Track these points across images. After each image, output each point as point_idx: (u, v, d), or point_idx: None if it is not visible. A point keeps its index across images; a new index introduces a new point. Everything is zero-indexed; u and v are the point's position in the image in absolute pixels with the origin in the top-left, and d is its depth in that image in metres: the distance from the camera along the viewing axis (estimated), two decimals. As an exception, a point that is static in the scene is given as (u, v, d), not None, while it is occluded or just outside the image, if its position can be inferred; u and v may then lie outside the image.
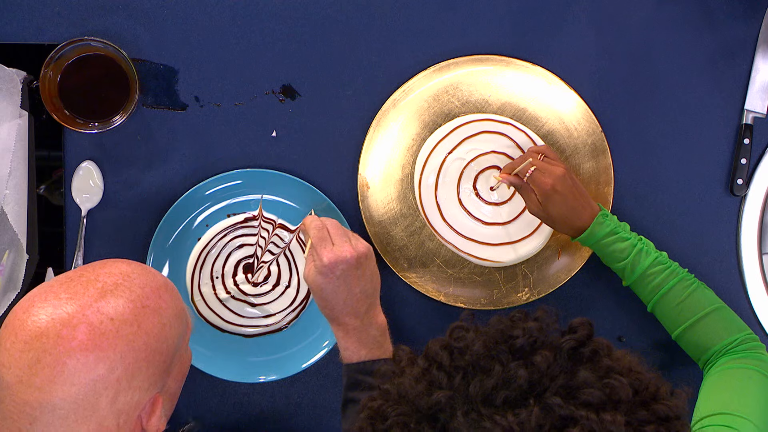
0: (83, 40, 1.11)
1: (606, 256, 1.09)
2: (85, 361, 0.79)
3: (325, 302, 1.05)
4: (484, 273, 1.18)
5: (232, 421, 1.19)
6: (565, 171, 1.07)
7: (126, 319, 0.81)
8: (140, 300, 0.84)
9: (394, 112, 1.17)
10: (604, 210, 1.09)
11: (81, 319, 0.80)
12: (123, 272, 0.85)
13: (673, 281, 1.06)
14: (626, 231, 1.08)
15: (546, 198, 1.07)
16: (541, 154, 1.09)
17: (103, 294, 0.82)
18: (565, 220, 1.08)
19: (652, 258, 1.07)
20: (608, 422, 0.68)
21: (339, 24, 1.18)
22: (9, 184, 1.14)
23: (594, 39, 1.18)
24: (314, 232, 1.06)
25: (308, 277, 1.05)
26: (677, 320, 1.07)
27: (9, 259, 1.15)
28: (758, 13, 1.18)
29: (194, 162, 1.18)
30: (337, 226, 1.07)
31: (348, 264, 1.03)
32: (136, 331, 0.82)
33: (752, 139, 1.17)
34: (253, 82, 1.18)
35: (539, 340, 0.73)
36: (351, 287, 1.04)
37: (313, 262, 1.05)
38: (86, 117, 1.13)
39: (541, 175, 1.07)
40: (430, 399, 0.71)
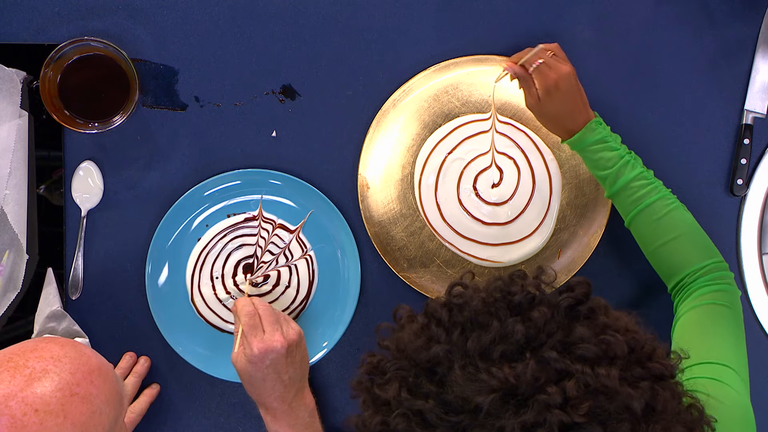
0: (83, 40, 1.11)
1: (591, 163, 1.09)
2: None
3: (252, 388, 1.04)
4: (484, 273, 1.18)
5: (232, 421, 1.19)
6: (571, 70, 1.06)
7: (52, 410, 0.76)
8: (69, 387, 0.78)
9: (394, 112, 1.17)
10: (598, 118, 1.09)
11: (3, 410, 0.75)
12: (54, 356, 0.80)
13: (654, 197, 1.06)
14: (617, 142, 1.08)
15: (546, 93, 1.06)
16: (551, 51, 1.08)
17: (30, 382, 0.77)
18: (558, 120, 1.08)
19: (637, 172, 1.06)
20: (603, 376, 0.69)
21: (339, 24, 1.18)
22: (9, 184, 1.14)
23: (594, 39, 1.18)
24: (245, 319, 1.04)
25: (237, 363, 1.04)
26: (653, 237, 1.06)
27: (9, 259, 1.15)
28: (758, 13, 1.18)
29: (194, 162, 1.18)
30: (269, 312, 1.06)
31: (278, 354, 1.02)
32: (62, 422, 0.77)
33: (752, 139, 1.17)
34: (253, 82, 1.18)
35: (537, 297, 0.75)
36: (280, 375, 1.03)
37: (242, 348, 1.03)
38: (86, 117, 1.13)
39: (547, 69, 1.06)
40: (428, 353, 0.73)
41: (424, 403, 0.71)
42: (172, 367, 1.18)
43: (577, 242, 1.18)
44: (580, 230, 1.17)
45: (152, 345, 1.17)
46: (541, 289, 0.76)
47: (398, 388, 0.73)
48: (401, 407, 0.72)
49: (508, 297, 0.75)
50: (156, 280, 1.17)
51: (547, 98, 1.06)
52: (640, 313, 1.17)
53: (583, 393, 0.69)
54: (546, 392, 0.68)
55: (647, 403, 0.70)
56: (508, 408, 0.69)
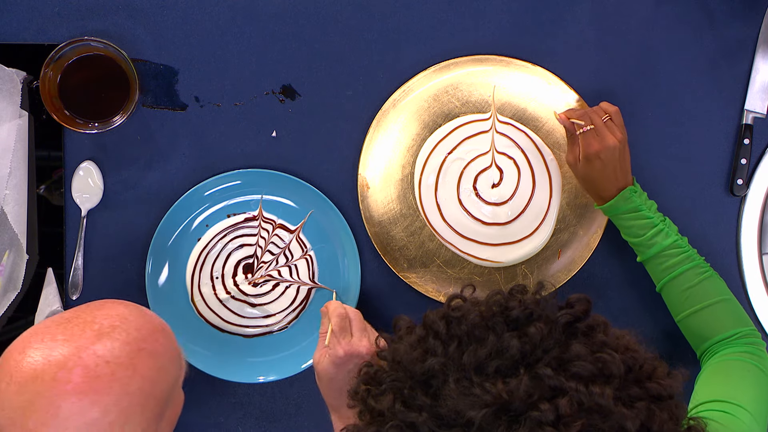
0: (83, 40, 1.11)
1: (624, 229, 1.09)
2: (79, 404, 0.77)
3: (330, 391, 1.03)
4: (484, 273, 1.18)
5: (232, 421, 1.19)
6: (617, 144, 1.06)
7: (122, 363, 0.80)
8: (136, 343, 0.82)
9: (394, 112, 1.17)
10: (635, 186, 1.09)
11: (77, 361, 0.78)
12: (120, 314, 0.84)
13: (687, 266, 1.06)
14: (651, 210, 1.08)
15: (586, 160, 1.07)
16: (608, 116, 1.08)
17: (100, 336, 0.81)
18: (593, 186, 1.09)
19: (671, 240, 1.07)
20: (597, 394, 0.69)
21: (339, 24, 1.18)
22: (9, 184, 1.14)
23: (594, 39, 1.18)
24: (336, 319, 1.03)
25: (320, 364, 1.02)
26: (684, 305, 1.07)
27: (9, 259, 1.15)
28: (758, 13, 1.18)
29: (194, 162, 1.18)
30: (359, 319, 1.05)
31: (362, 358, 1.01)
32: (132, 374, 0.80)
33: (752, 139, 1.17)
34: (253, 82, 1.18)
35: (535, 313, 0.74)
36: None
37: (327, 350, 1.02)
38: (86, 117, 1.13)
39: (593, 137, 1.06)
40: (423, 365, 0.73)
41: (417, 415, 0.71)
42: (172, 367, 1.18)
43: (577, 242, 1.18)
44: (580, 230, 1.17)
45: (152, 345, 1.17)
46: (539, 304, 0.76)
47: (392, 399, 0.73)
48: (395, 419, 0.72)
49: (506, 312, 0.75)
50: (156, 280, 1.17)
51: (586, 163, 1.07)
52: (640, 312, 1.17)
53: (576, 411, 0.68)
54: (539, 409, 0.68)
55: (642, 424, 0.70)
56: (501, 423, 0.68)
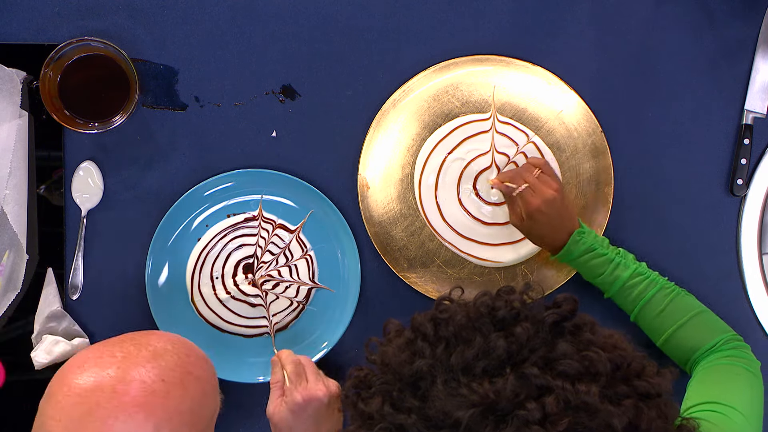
0: (83, 40, 1.11)
1: (584, 272, 1.10)
2: (135, 417, 0.79)
3: None
4: (484, 273, 1.18)
5: (233, 421, 1.19)
6: (555, 194, 1.07)
7: (175, 382, 0.83)
8: (186, 366, 0.85)
9: (394, 112, 1.17)
10: (582, 227, 1.09)
11: (135, 376, 0.81)
12: (170, 339, 0.88)
13: (652, 291, 1.07)
14: (603, 246, 1.09)
15: (530, 217, 1.08)
16: (538, 170, 1.09)
17: (155, 356, 0.84)
18: (543, 239, 1.10)
19: (631, 270, 1.08)
20: (583, 392, 0.69)
21: (339, 24, 1.18)
22: (9, 184, 1.14)
23: (594, 39, 1.18)
24: (290, 366, 1.03)
25: (275, 413, 1.02)
26: (660, 329, 1.08)
27: (9, 259, 1.15)
28: (758, 13, 1.18)
29: (194, 162, 1.18)
30: (311, 364, 1.05)
31: (320, 403, 1.01)
32: (183, 394, 0.83)
33: (752, 139, 1.17)
34: (253, 82, 1.18)
35: (522, 313, 0.75)
36: (319, 426, 1.02)
37: (282, 398, 1.02)
38: (86, 117, 1.13)
39: (530, 195, 1.08)
40: (411, 367, 0.73)
41: (406, 417, 0.71)
42: (172, 367, 1.18)
43: (577, 242, 1.17)
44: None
45: (152, 345, 1.17)
46: (526, 304, 0.76)
47: (381, 402, 0.73)
48: (384, 421, 0.72)
49: (493, 312, 0.75)
50: (156, 280, 1.17)
51: (530, 221, 1.08)
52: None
53: (562, 409, 0.68)
54: (525, 408, 0.68)
55: (630, 422, 0.70)
56: (488, 423, 0.69)
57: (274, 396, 1.03)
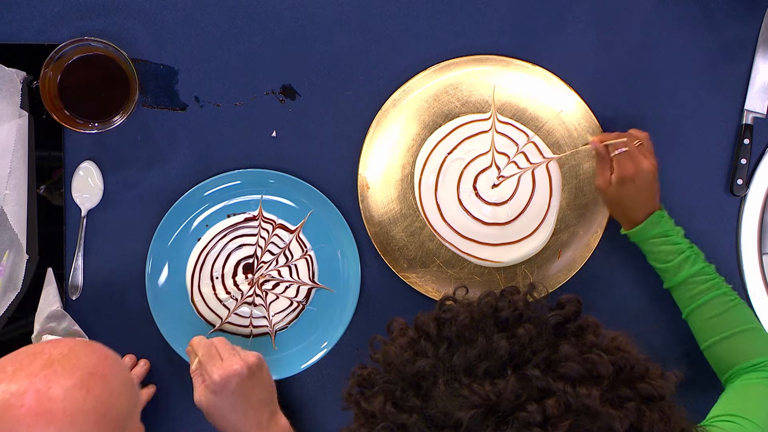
0: (83, 40, 1.11)
1: (651, 255, 1.09)
2: (35, 426, 0.78)
3: (224, 422, 1.01)
4: (484, 273, 1.18)
5: (232, 421, 1.19)
6: (651, 167, 1.07)
7: (74, 384, 0.81)
8: (86, 368, 0.83)
9: (394, 112, 1.17)
10: (662, 210, 1.09)
11: (28, 386, 0.79)
12: (67, 344, 0.85)
13: (714, 293, 1.06)
14: (678, 235, 1.08)
15: (620, 182, 1.07)
16: (639, 141, 1.08)
17: (50, 363, 0.82)
18: (623, 209, 1.09)
19: (698, 267, 1.07)
20: (584, 395, 0.69)
21: (339, 24, 1.18)
22: (9, 184, 1.14)
23: (594, 39, 1.18)
24: (202, 350, 1.02)
25: (201, 400, 1.00)
26: (710, 332, 1.06)
27: (9, 259, 1.15)
28: (758, 13, 1.18)
29: (194, 162, 1.18)
30: (224, 342, 1.04)
31: (240, 377, 1.00)
32: (85, 395, 0.80)
33: (752, 139, 1.17)
34: (253, 82, 1.18)
35: (525, 314, 0.75)
36: (248, 398, 1.01)
37: (203, 384, 1.01)
38: (86, 117, 1.13)
39: (627, 160, 1.06)
40: (414, 366, 0.73)
41: (407, 417, 0.72)
42: (172, 367, 1.18)
43: (577, 242, 1.18)
44: (580, 230, 1.17)
45: (152, 345, 1.17)
46: (530, 305, 0.76)
47: (384, 401, 0.73)
48: (386, 420, 0.73)
49: (496, 313, 0.75)
50: (156, 280, 1.17)
51: (619, 187, 1.07)
52: (639, 313, 1.17)
53: (563, 412, 0.68)
54: (526, 410, 0.68)
55: (632, 425, 0.70)
56: (488, 424, 0.69)
57: (196, 384, 1.02)
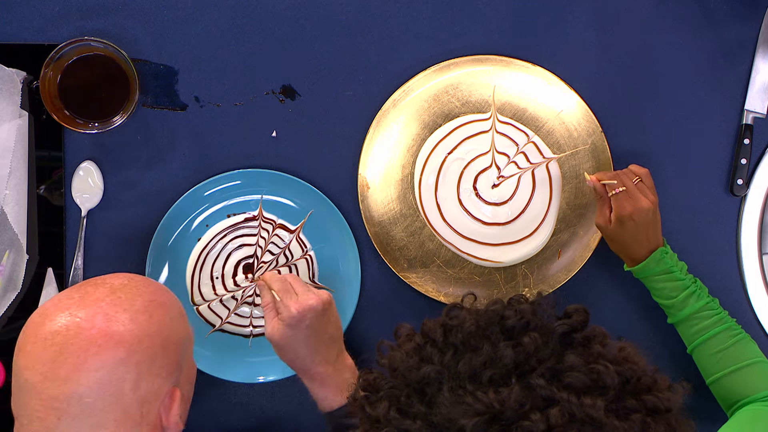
0: (83, 40, 1.11)
1: (655, 291, 1.09)
2: (106, 346, 0.82)
3: (295, 355, 1.03)
4: (484, 273, 1.18)
5: (232, 421, 1.19)
6: (651, 206, 1.06)
7: (138, 309, 0.86)
8: (147, 295, 0.88)
9: (394, 112, 1.17)
10: (666, 247, 1.08)
11: (96, 310, 0.84)
12: (127, 276, 0.91)
13: (719, 328, 1.06)
14: (682, 272, 1.08)
15: (619, 222, 1.06)
16: (638, 178, 1.08)
17: (113, 291, 0.87)
18: (624, 247, 1.09)
19: (703, 303, 1.07)
20: (588, 406, 0.68)
21: (339, 24, 1.18)
22: (9, 184, 1.14)
23: (594, 39, 1.18)
24: (278, 285, 1.04)
25: (275, 333, 1.02)
26: (716, 367, 1.06)
27: (9, 259, 1.15)
28: (758, 13, 1.18)
29: (194, 162, 1.18)
30: (297, 279, 1.05)
31: (316, 311, 1.01)
32: (149, 319, 0.86)
33: (752, 139, 1.17)
34: (253, 82, 1.18)
35: (532, 323, 0.74)
36: (320, 334, 1.02)
37: (276, 317, 1.02)
38: (86, 117, 1.13)
39: (626, 199, 1.06)
40: (419, 372, 0.73)
41: (411, 423, 0.71)
42: (172, 367, 1.18)
43: (577, 242, 1.17)
44: (580, 230, 1.17)
45: (152, 345, 1.17)
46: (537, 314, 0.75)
47: (388, 406, 0.73)
48: (390, 426, 0.72)
49: (503, 321, 0.75)
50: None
51: (618, 226, 1.07)
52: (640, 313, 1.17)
53: (567, 422, 0.68)
54: (530, 419, 0.68)
55: None
56: None
57: (269, 318, 1.03)
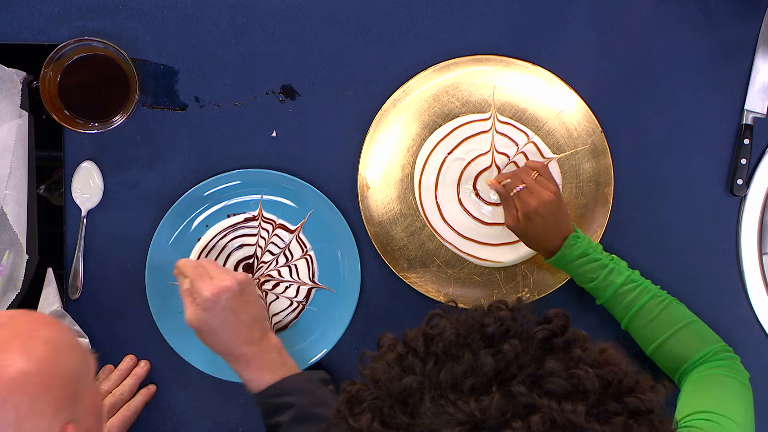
0: (83, 40, 1.11)
1: (578, 277, 1.10)
2: None
3: (216, 338, 1.02)
4: (484, 273, 1.18)
5: (233, 421, 1.19)
6: (553, 196, 1.07)
7: (14, 349, 0.80)
8: (27, 333, 0.83)
9: (394, 112, 1.17)
10: (577, 232, 1.09)
11: None
12: (8, 315, 0.86)
13: (645, 298, 1.07)
14: (597, 252, 1.09)
15: (526, 218, 1.08)
16: (536, 172, 1.09)
17: None
18: (538, 242, 1.10)
19: (624, 277, 1.07)
20: (569, 411, 0.68)
21: (339, 24, 1.18)
22: (9, 184, 1.14)
23: (594, 39, 1.18)
24: (191, 270, 1.04)
25: (192, 318, 1.02)
26: (651, 336, 1.07)
27: (9, 259, 1.15)
28: (758, 13, 1.18)
29: (194, 162, 1.18)
30: (212, 262, 1.05)
31: (231, 292, 1.01)
32: (27, 358, 0.80)
33: (752, 139, 1.17)
34: (253, 82, 1.18)
35: (512, 329, 0.74)
36: (239, 315, 1.02)
37: (193, 302, 1.02)
38: (86, 117, 1.13)
39: (528, 195, 1.07)
40: (400, 383, 0.72)
41: None
42: (171, 367, 1.18)
43: (577, 242, 1.17)
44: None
45: (152, 345, 1.17)
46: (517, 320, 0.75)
47: (371, 418, 0.73)
48: None
49: (483, 328, 0.74)
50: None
51: (527, 222, 1.08)
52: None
53: (548, 428, 0.68)
54: (511, 427, 0.67)
55: None
56: None
57: (186, 304, 1.03)
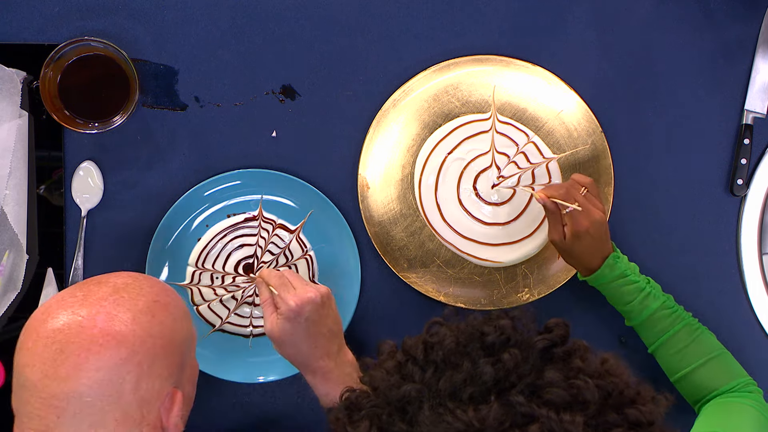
0: (83, 40, 1.11)
1: (613, 297, 1.09)
2: (107, 346, 0.82)
3: (296, 350, 1.02)
4: (484, 273, 1.18)
5: (232, 421, 1.19)
6: (603, 216, 1.05)
7: (140, 309, 0.86)
8: (150, 296, 0.88)
9: (394, 112, 1.17)
10: (617, 251, 1.08)
11: (99, 309, 0.84)
12: (130, 275, 0.91)
13: (678, 326, 1.06)
14: (635, 273, 1.07)
15: (575, 237, 1.05)
16: (585, 189, 1.06)
17: (116, 290, 0.87)
18: (580, 260, 1.08)
19: (660, 302, 1.06)
20: (567, 422, 0.68)
21: (339, 24, 1.18)
22: (9, 184, 1.14)
23: (594, 39, 1.18)
24: (275, 280, 1.03)
25: (274, 328, 1.01)
26: (678, 365, 1.06)
27: (9, 259, 1.15)
28: (758, 13, 1.18)
29: (194, 162, 1.18)
30: (294, 274, 1.05)
31: (314, 304, 1.01)
32: (151, 320, 0.85)
33: (752, 139, 1.17)
34: (253, 82, 1.18)
35: (512, 338, 0.73)
36: (319, 327, 1.02)
37: (275, 312, 1.02)
38: (86, 117, 1.13)
39: (579, 214, 1.04)
40: (399, 391, 0.72)
41: None
42: (172, 367, 1.18)
43: (577, 242, 1.17)
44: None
45: (152, 345, 1.17)
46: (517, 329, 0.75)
47: (369, 425, 0.72)
48: None
49: (482, 337, 0.74)
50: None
51: (574, 241, 1.05)
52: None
53: None
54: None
55: None
56: None
57: (267, 313, 1.03)
